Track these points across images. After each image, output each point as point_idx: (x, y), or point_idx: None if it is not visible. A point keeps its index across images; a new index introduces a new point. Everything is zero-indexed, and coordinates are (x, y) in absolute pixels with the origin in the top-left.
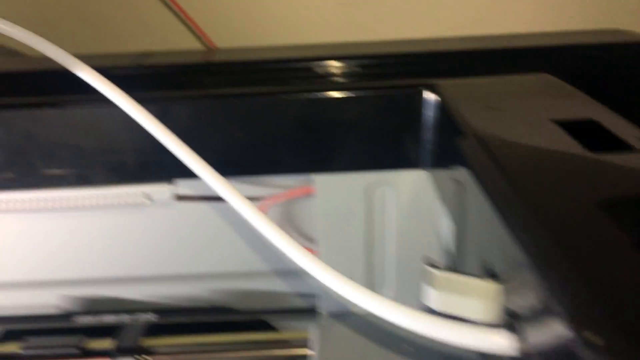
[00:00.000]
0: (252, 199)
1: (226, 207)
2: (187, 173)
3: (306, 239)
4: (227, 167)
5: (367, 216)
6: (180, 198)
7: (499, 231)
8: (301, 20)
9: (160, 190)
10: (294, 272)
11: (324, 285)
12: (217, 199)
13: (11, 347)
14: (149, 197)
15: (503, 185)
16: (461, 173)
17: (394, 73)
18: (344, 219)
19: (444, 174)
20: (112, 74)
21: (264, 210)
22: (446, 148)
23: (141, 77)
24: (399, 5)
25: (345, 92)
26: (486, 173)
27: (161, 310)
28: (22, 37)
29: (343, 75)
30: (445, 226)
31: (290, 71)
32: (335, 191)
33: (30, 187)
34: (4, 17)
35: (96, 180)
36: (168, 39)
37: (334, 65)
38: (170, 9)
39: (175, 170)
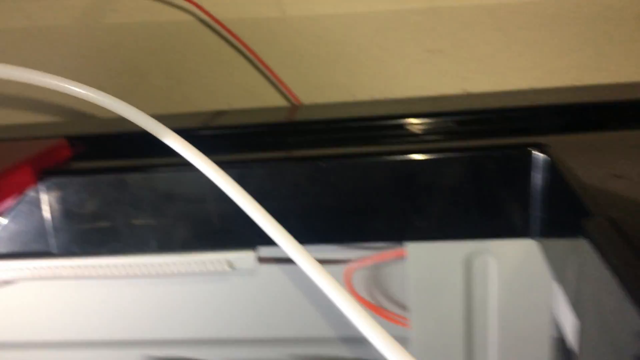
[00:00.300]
0: (339, 261)
1: None
2: (270, 241)
3: (397, 306)
4: (312, 234)
5: (465, 287)
6: (263, 260)
7: None
8: (387, 69)
9: (243, 257)
10: None
11: None
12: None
13: None
14: (231, 264)
15: None
16: (582, 248)
17: (496, 130)
18: (440, 289)
19: (558, 245)
20: (195, 134)
21: (350, 274)
22: (560, 216)
23: (224, 137)
24: (495, 53)
25: (441, 152)
26: (626, 268)
27: None
28: (102, 101)
29: (438, 133)
30: (559, 305)
31: (380, 129)
32: (429, 259)
33: (115, 253)
34: (93, 71)
35: (179, 246)
36: (251, 94)
37: (428, 122)
38: (253, 64)
39: (259, 237)
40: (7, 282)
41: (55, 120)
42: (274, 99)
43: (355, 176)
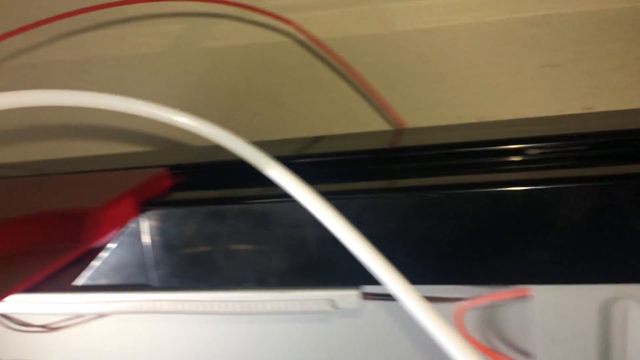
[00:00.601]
0: (448, 299)
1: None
2: (375, 280)
3: (517, 352)
4: (420, 274)
5: (602, 336)
6: (367, 296)
7: None
8: (497, 87)
9: (346, 296)
10: None
11: None
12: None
13: None
14: (334, 304)
15: None
16: None
17: (632, 155)
18: (571, 337)
19: None
20: (292, 162)
21: (461, 313)
22: None
23: (323, 165)
24: (619, 66)
25: (571, 182)
26: None
27: None
28: (204, 130)
29: (563, 159)
30: None
31: (495, 155)
32: (559, 302)
33: (213, 288)
34: (193, 97)
35: (278, 283)
36: (351, 118)
37: (550, 146)
38: (353, 85)
39: (364, 275)
40: (102, 315)
41: (155, 149)
42: (375, 123)
43: (470, 209)
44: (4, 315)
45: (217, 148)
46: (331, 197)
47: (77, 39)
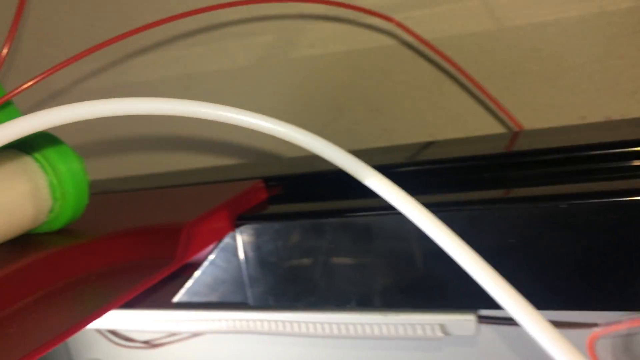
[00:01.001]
0: (579, 325)
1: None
2: (494, 304)
3: None
4: (548, 297)
5: None
6: (482, 320)
7: None
8: (625, 82)
9: (460, 322)
10: None
11: None
12: None
13: None
14: (445, 330)
15: None
16: None
17: None
18: None
19: None
20: (396, 171)
21: (594, 341)
22: None
23: (431, 174)
24: None
25: None
26: None
27: None
28: (300, 139)
29: None
30: None
31: (629, 157)
32: None
33: (311, 308)
34: (291, 108)
35: (381, 304)
36: (459, 122)
37: None
38: (461, 87)
39: (482, 299)
40: (196, 334)
41: (249, 161)
42: (487, 126)
43: (604, 222)
44: (111, 331)
45: (313, 158)
46: (441, 209)
47: (176, 54)
